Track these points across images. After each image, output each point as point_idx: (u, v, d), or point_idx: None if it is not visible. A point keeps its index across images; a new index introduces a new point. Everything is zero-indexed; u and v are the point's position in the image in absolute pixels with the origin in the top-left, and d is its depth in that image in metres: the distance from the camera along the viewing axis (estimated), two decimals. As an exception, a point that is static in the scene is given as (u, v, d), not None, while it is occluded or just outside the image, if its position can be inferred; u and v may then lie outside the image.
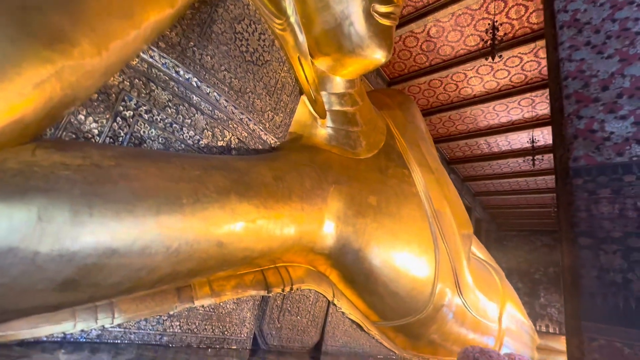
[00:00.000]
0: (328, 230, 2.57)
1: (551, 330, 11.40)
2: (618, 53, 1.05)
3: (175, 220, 1.35)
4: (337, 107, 3.13)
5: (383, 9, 2.64)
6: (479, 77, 6.75)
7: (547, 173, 9.85)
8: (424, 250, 3.23)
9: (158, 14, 1.54)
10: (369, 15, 2.63)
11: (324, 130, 3.04)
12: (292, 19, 2.50)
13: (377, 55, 2.77)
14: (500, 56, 5.03)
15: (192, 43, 1.93)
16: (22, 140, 1.06)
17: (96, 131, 1.51)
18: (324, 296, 2.71)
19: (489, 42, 4.38)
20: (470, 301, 4.04)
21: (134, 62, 1.67)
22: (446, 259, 3.55)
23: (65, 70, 1.03)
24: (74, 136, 1.44)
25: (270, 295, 2.24)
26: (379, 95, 4.66)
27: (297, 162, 2.47)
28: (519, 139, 8.60)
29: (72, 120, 1.43)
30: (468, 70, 6.54)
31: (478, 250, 6.54)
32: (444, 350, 3.96)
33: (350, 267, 2.77)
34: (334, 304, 2.78)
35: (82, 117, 1.48)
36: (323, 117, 2.97)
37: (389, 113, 4.13)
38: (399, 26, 5.87)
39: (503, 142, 8.95)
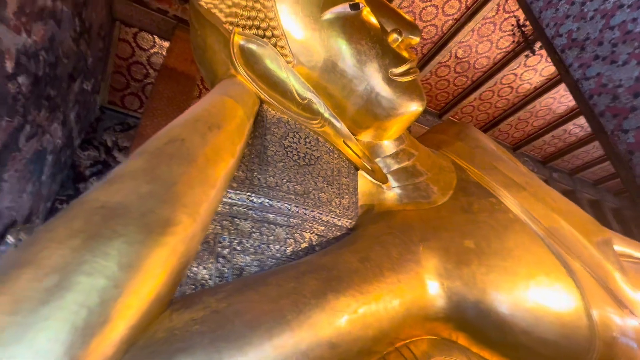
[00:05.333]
0: (434, 291, 2.40)
1: None
2: (633, 56, 0.95)
3: (286, 337, 1.47)
4: (395, 167, 3.18)
5: (400, 69, 2.80)
6: (531, 70, 6.29)
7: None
8: (554, 277, 2.73)
9: (225, 167, 1.92)
10: (390, 81, 2.80)
11: (391, 192, 3.07)
12: (327, 115, 2.80)
13: (413, 108, 2.85)
14: (541, 47, 4.71)
15: (255, 173, 2.29)
16: (162, 310, 1.35)
17: (207, 276, 1.82)
18: (460, 365, 2.43)
19: (521, 39, 4.19)
20: (651, 320, 3.15)
21: (219, 209, 2.05)
22: (587, 278, 2.92)
23: (177, 246, 1.34)
24: (193, 287, 1.75)
25: (401, 380, 2.12)
26: (432, 136, 4.58)
27: (376, 235, 2.51)
28: (616, 107, 7.37)
29: (189, 275, 1.76)
30: (515, 69, 6.19)
31: (632, 249, 5.24)
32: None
33: (475, 324, 2.47)
34: (475, 372, 2.46)
35: (195, 269, 1.81)
36: (385, 181, 3.04)
37: (450, 148, 4.00)
38: (425, 64, 6.01)
39: (597, 117, 7.74)
